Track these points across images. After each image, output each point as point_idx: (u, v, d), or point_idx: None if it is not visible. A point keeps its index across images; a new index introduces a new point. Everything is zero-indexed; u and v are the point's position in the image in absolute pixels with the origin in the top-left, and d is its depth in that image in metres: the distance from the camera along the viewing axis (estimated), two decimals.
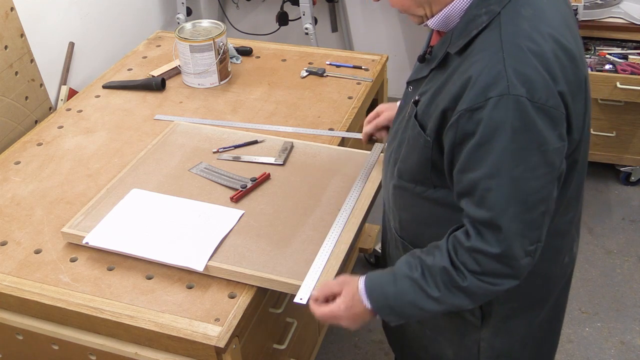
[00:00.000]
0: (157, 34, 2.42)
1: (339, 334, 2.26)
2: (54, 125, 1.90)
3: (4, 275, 1.40)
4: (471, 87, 1.00)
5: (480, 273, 1.07)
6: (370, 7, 3.20)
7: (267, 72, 2.12)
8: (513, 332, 1.31)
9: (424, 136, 1.11)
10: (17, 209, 1.58)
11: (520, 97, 0.97)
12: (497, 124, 0.98)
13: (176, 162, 1.67)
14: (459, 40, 1.05)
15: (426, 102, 1.11)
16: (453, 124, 1.03)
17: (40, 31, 2.14)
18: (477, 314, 1.27)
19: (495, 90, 0.98)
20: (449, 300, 1.11)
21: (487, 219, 1.03)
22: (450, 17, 1.07)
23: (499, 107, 0.97)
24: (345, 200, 1.51)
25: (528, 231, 1.04)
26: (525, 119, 0.98)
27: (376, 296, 1.16)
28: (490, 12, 1.03)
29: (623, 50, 2.61)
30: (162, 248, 1.40)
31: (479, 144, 1.00)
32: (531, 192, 1.02)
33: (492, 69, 0.99)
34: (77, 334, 1.35)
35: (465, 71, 1.02)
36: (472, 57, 1.03)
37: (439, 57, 1.11)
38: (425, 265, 1.12)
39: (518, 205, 1.02)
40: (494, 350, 1.32)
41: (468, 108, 1.00)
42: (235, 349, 1.28)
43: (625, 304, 2.33)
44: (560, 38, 1.03)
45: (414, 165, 1.17)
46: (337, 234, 1.42)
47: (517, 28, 1.01)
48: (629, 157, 2.75)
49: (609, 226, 2.65)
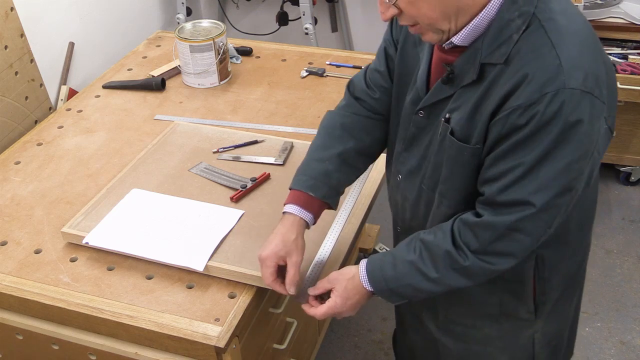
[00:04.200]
0: (157, 34, 2.42)
1: (339, 334, 2.26)
2: (54, 125, 1.90)
3: (4, 275, 1.40)
4: (527, 84, 0.99)
5: (482, 252, 1.08)
6: (370, 7, 3.20)
7: (267, 72, 2.12)
8: (561, 314, 1.33)
9: (469, 148, 1.08)
10: (17, 209, 1.58)
11: (575, 90, 0.98)
12: (551, 116, 0.98)
13: (176, 162, 1.67)
14: (500, 48, 1.02)
15: (465, 116, 1.08)
16: (501, 119, 1.02)
17: (40, 31, 2.14)
18: (532, 308, 1.27)
19: (552, 85, 0.98)
20: (447, 281, 1.12)
21: (516, 199, 1.04)
22: (477, 29, 1.03)
23: (555, 100, 0.98)
24: (345, 200, 1.51)
25: (550, 216, 1.05)
26: (578, 111, 0.98)
27: (376, 279, 1.18)
28: (524, 13, 1.01)
29: (623, 50, 2.61)
30: (162, 248, 1.40)
31: (528, 135, 1.00)
32: (569, 183, 1.03)
33: (549, 66, 0.98)
34: (77, 334, 1.35)
35: (517, 71, 1.00)
36: (521, 59, 1.01)
37: (472, 71, 1.05)
38: (425, 244, 1.13)
39: (553, 193, 1.03)
40: (546, 337, 1.33)
41: (523, 104, 0.99)
42: (235, 349, 1.28)
43: (625, 304, 2.33)
44: (588, 27, 1.05)
45: (460, 183, 1.13)
46: (337, 234, 1.42)
47: (557, 24, 1.01)
48: (628, 157, 2.75)
49: (608, 226, 2.65)
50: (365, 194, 1.53)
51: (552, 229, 1.08)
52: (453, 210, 1.16)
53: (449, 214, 1.16)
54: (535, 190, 1.02)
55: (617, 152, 2.74)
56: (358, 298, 1.21)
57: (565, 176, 1.02)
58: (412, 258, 1.14)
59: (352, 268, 1.22)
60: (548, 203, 1.03)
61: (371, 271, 1.19)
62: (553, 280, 1.24)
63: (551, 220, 1.07)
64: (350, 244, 1.40)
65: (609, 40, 2.63)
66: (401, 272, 1.15)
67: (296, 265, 1.22)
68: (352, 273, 1.21)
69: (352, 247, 1.41)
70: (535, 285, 1.23)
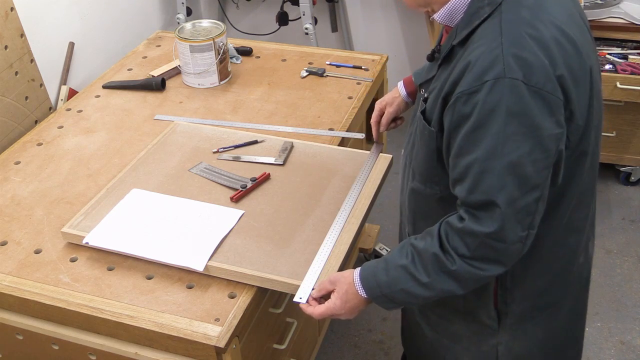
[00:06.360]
0: (157, 34, 2.42)
1: (339, 334, 2.26)
2: (54, 125, 1.90)
3: (4, 275, 1.40)
4: (469, 71, 1.01)
5: (470, 257, 1.08)
6: (370, 7, 3.20)
7: (267, 72, 2.12)
8: (531, 336, 1.31)
9: (428, 128, 1.13)
10: (17, 209, 1.58)
11: (516, 80, 0.98)
12: (493, 106, 0.99)
13: (176, 162, 1.67)
14: (462, 32, 1.07)
15: (433, 97, 1.13)
16: (450, 107, 1.05)
17: (40, 31, 2.14)
18: (493, 314, 1.27)
19: (491, 73, 0.99)
20: (438, 286, 1.12)
21: (482, 200, 1.04)
22: (454, 11, 1.09)
23: (495, 90, 0.98)
24: (345, 200, 1.51)
25: (522, 216, 1.04)
26: (520, 103, 0.98)
27: (370, 286, 1.18)
28: (492, 3, 1.04)
29: (623, 50, 2.61)
30: (162, 248, 1.40)
31: (474, 127, 1.01)
32: (526, 177, 1.02)
33: (490, 54, 1.00)
34: (77, 334, 1.35)
35: (466, 58, 1.04)
36: (472, 45, 1.04)
37: (445, 51, 1.12)
38: (416, 250, 1.14)
39: (513, 189, 1.02)
40: (511, 355, 1.32)
41: (465, 91, 1.01)
42: (235, 349, 1.28)
43: (625, 304, 2.33)
44: (562, 25, 1.04)
45: (422, 160, 1.19)
46: (337, 234, 1.42)
47: (517, 16, 1.02)
48: (629, 157, 2.75)
49: (608, 226, 2.65)
50: (365, 194, 1.53)
51: (535, 229, 1.07)
52: (422, 186, 1.22)
53: (420, 189, 1.23)
54: (494, 188, 1.02)
55: (617, 152, 2.74)
56: (356, 303, 1.21)
57: (520, 171, 1.01)
58: (404, 263, 1.15)
59: (354, 272, 1.23)
60: (511, 203, 1.02)
61: (365, 278, 1.19)
62: (516, 292, 1.23)
63: (526, 222, 1.05)
64: (350, 244, 1.40)
65: (609, 40, 2.63)
66: (394, 277, 1.15)
67: (389, 114, 1.56)
68: (352, 278, 1.22)
69: (352, 247, 1.41)
70: (496, 291, 1.23)
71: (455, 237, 1.09)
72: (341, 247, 1.39)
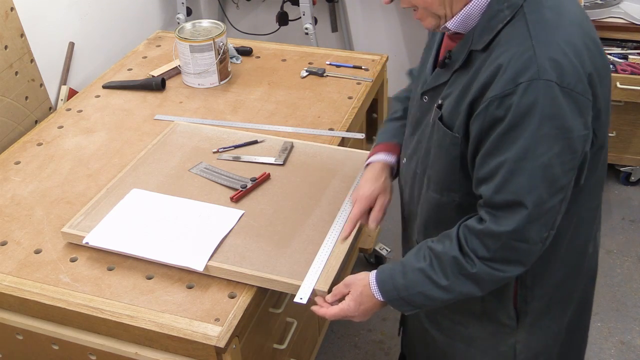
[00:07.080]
0: (157, 34, 2.42)
1: (339, 334, 2.26)
2: (54, 125, 1.90)
3: (4, 275, 1.40)
4: (501, 75, 1.01)
5: (489, 259, 1.08)
6: (370, 7, 3.20)
7: (267, 72, 2.12)
8: (547, 330, 1.31)
9: (450, 134, 1.11)
10: (17, 209, 1.58)
11: (550, 82, 0.98)
12: (527, 108, 0.99)
13: (176, 162, 1.67)
14: (483, 36, 1.06)
15: (452, 103, 1.11)
16: (482, 112, 1.04)
17: (40, 31, 2.14)
18: (512, 314, 1.26)
19: (525, 75, 0.99)
20: (457, 288, 1.12)
21: (509, 200, 1.04)
22: (470, 16, 1.07)
23: (529, 91, 0.98)
24: (345, 200, 1.51)
25: (547, 218, 1.05)
26: (554, 104, 0.98)
27: (387, 289, 1.19)
28: (513, 5, 1.04)
29: (623, 50, 2.61)
30: (162, 248, 1.40)
31: (508, 128, 1.01)
32: (555, 179, 1.02)
33: (522, 56, 0.99)
34: (77, 334, 1.35)
35: (494, 62, 1.03)
36: (499, 49, 1.03)
37: (462, 57, 1.10)
38: (434, 253, 1.14)
39: (542, 191, 1.02)
40: (530, 351, 1.32)
41: (498, 95, 1.01)
42: (235, 349, 1.28)
43: (625, 304, 2.33)
44: (583, 24, 1.05)
45: (442, 168, 1.17)
46: (337, 234, 1.42)
47: (541, 17, 1.02)
48: (629, 157, 2.75)
49: (608, 226, 2.64)
50: None
51: (555, 229, 1.08)
52: (439, 195, 1.19)
53: (436, 199, 1.20)
54: (524, 188, 1.02)
55: (617, 152, 2.74)
56: (371, 305, 1.21)
57: (550, 173, 1.01)
58: (421, 266, 1.15)
59: (369, 275, 1.23)
60: (539, 204, 1.03)
61: (382, 281, 1.19)
62: (536, 289, 1.23)
63: (549, 223, 1.06)
64: (350, 244, 1.40)
65: (609, 40, 2.63)
66: (412, 280, 1.15)
67: (384, 205, 1.37)
68: (368, 280, 1.22)
69: (352, 247, 1.41)
70: (516, 291, 1.23)
71: (475, 239, 1.09)
72: (341, 247, 1.39)
